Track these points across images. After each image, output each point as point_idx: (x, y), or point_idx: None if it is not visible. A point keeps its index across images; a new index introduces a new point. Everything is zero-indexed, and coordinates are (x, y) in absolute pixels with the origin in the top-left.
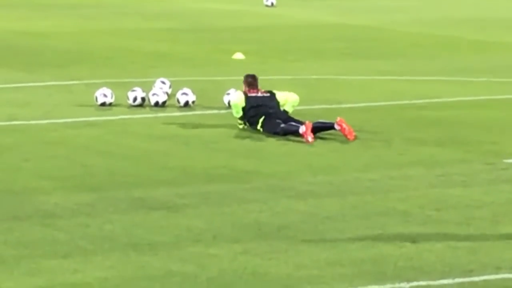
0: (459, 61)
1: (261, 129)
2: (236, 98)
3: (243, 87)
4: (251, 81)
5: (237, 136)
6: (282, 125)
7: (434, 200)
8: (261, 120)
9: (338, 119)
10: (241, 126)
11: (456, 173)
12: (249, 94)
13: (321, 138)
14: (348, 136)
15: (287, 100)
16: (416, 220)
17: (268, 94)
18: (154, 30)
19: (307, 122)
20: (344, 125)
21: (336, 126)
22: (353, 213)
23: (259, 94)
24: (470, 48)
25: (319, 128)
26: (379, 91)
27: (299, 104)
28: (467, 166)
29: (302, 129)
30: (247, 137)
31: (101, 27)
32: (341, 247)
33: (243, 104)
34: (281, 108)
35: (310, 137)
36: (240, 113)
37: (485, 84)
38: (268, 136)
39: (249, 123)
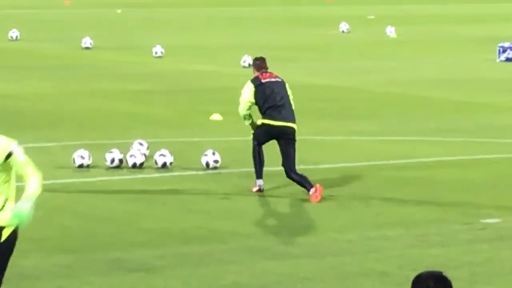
0: (436, 121)
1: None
2: (245, 94)
3: (254, 74)
4: (259, 64)
5: (214, 197)
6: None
7: (412, 260)
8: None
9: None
10: (247, 123)
11: (434, 233)
12: (263, 80)
13: (300, 199)
14: (313, 199)
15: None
16: (394, 281)
17: (280, 80)
18: (132, 92)
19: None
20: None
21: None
22: (331, 274)
23: (272, 79)
24: (446, 108)
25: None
26: (357, 151)
27: (280, 165)
28: (445, 226)
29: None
30: (225, 198)
31: (78, 89)
32: None
33: (252, 99)
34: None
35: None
36: (248, 111)
37: (462, 144)
38: (246, 196)
39: (268, 117)
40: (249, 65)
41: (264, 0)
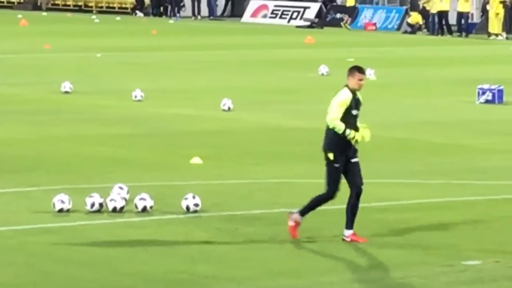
0: (416, 164)
1: None
2: None
3: None
4: None
5: (196, 241)
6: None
7: None
8: None
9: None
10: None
11: (415, 275)
12: None
13: (280, 242)
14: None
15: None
16: None
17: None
18: (111, 136)
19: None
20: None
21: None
22: None
23: None
24: (426, 151)
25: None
26: (339, 194)
27: (259, 208)
28: (426, 268)
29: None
30: (206, 241)
31: (58, 133)
32: None
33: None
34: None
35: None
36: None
37: (442, 186)
38: (227, 239)
39: None
40: (229, 108)
41: (243, 43)
